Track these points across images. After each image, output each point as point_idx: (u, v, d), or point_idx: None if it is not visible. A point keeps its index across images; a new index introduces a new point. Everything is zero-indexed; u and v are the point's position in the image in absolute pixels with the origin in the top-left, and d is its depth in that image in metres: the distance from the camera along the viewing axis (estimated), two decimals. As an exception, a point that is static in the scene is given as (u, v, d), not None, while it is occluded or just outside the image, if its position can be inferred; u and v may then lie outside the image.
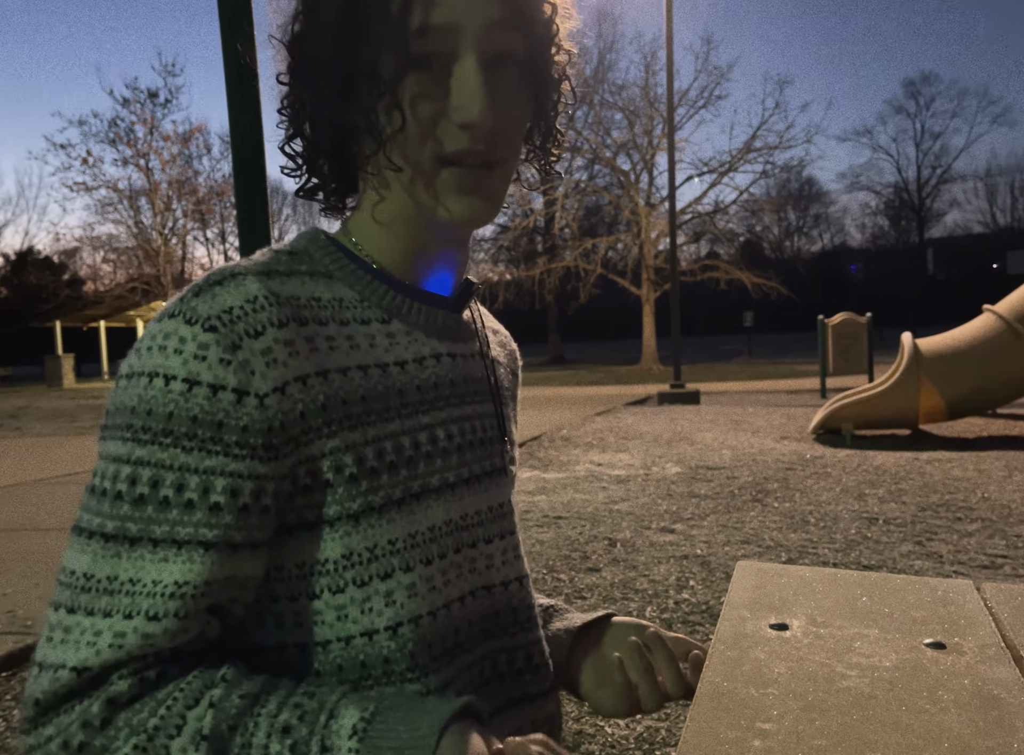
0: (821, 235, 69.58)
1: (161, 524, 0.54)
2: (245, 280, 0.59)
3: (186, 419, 0.54)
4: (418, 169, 0.63)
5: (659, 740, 2.43)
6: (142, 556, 0.54)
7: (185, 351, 0.55)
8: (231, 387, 0.55)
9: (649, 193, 30.93)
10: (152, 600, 0.54)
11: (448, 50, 0.61)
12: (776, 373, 21.54)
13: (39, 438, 11.48)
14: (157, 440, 0.55)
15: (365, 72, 0.61)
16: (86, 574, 0.55)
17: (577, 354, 41.50)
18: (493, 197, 0.66)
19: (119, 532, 0.54)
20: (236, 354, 0.55)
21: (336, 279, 0.65)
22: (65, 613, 0.55)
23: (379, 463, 0.61)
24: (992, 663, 0.75)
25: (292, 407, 0.57)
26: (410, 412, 0.64)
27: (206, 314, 0.56)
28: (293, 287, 0.61)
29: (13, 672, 3.14)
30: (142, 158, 26.20)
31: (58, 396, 21.97)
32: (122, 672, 0.54)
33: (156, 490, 0.54)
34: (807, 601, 0.99)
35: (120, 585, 0.54)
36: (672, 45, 14.75)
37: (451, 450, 0.67)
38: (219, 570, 0.55)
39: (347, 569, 0.60)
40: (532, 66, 0.66)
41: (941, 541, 4.46)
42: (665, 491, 6.03)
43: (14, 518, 5.78)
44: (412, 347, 0.66)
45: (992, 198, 68.08)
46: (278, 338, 0.58)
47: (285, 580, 0.60)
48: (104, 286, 30.39)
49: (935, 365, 8.03)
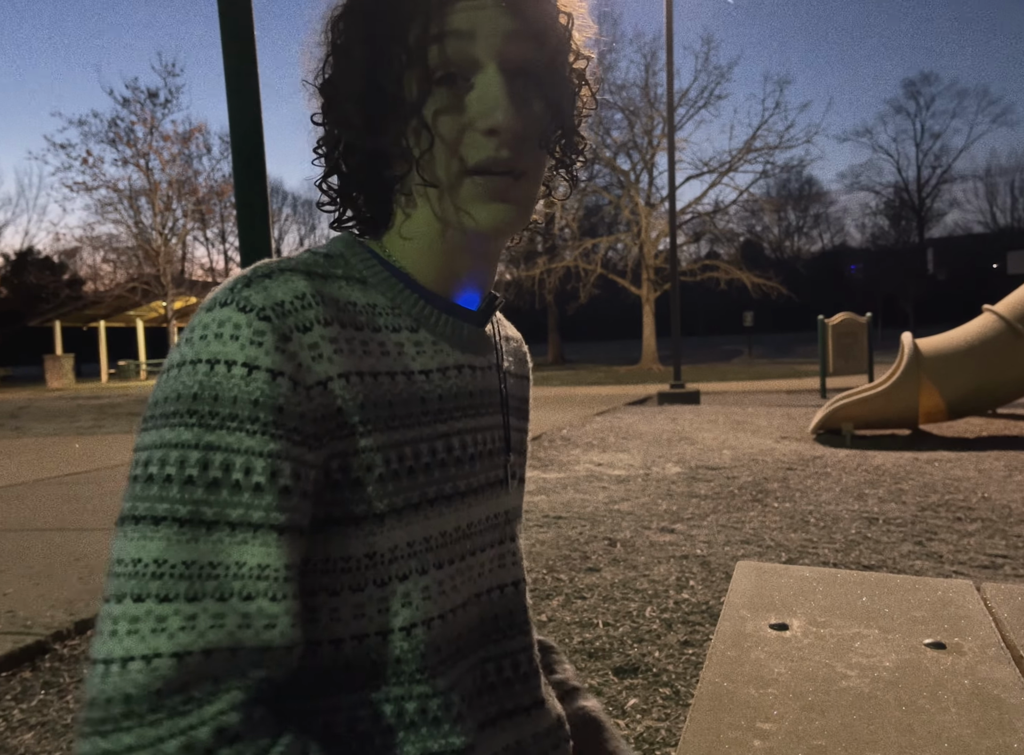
0: (821, 235, 69.65)
1: (236, 507, 0.54)
2: (293, 276, 0.61)
3: (248, 402, 0.55)
4: (447, 183, 0.65)
5: (659, 740, 2.43)
6: (220, 539, 0.54)
7: (242, 337, 0.56)
8: (288, 374, 0.57)
9: (649, 193, 30.95)
10: (242, 581, 0.53)
11: (468, 63, 0.64)
12: (776, 373, 21.54)
13: (39, 438, 11.48)
14: (225, 424, 0.55)
15: (392, 100, 0.64)
16: (157, 561, 0.53)
17: (577, 354, 41.49)
18: (520, 204, 0.67)
19: (194, 516, 0.53)
20: (288, 345, 0.57)
21: (370, 285, 0.67)
22: (131, 602, 0.52)
23: (401, 467, 0.63)
24: (992, 663, 0.75)
25: (332, 401, 0.59)
26: (430, 420, 0.66)
27: (260, 304, 0.58)
28: (332, 289, 0.63)
29: (13, 672, 3.13)
30: (142, 158, 26.20)
31: (58, 396, 21.96)
32: (235, 694, 0.52)
33: (228, 473, 0.54)
34: (807, 601, 0.99)
35: (200, 569, 0.53)
36: (672, 45, 14.75)
37: (464, 459, 0.69)
38: (294, 554, 0.56)
39: (369, 568, 0.61)
40: (550, 76, 0.68)
41: (941, 541, 4.46)
42: (665, 491, 6.03)
43: (14, 518, 5.78)
44: (437, 357, 0.68)
45: (992, 198, 68.17)
46: (324, 335, 0.60)
47: (309, 574, 0.60)
48: (104, 286, 30.40)
49: (935, 365, 8.03)
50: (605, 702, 2.70)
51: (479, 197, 0.65)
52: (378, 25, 0.64)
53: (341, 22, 0.66)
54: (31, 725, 2.70)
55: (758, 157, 29.66)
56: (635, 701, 2.69)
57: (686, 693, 2.74)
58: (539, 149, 0.68)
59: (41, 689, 2.98)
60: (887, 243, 61.53)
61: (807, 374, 19.01)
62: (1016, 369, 7.88)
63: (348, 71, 0.66)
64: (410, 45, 0.63)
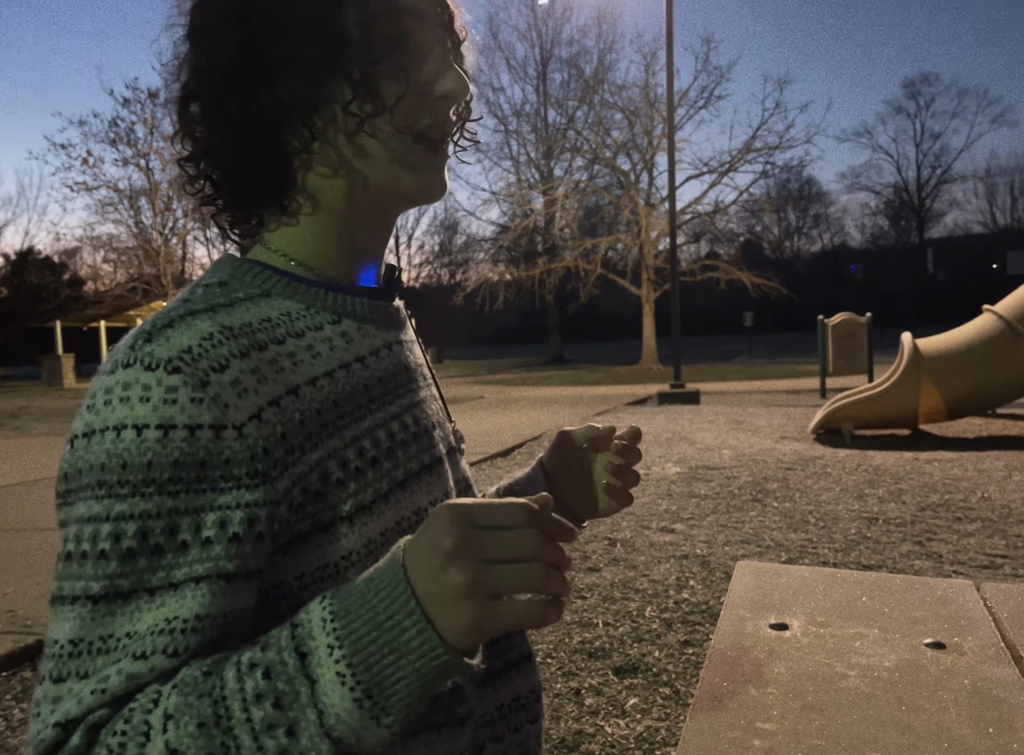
0: (821, 235, 69.62)
1: (156, 572, 0.52)
2: (195, 319, 0.58)
3: (167, 465, 0.53)
4: (392, 144, 0.66)
5: (659, 740, 2.43)
6: (138, 608, 0.52)
7: (153, 397, 0.53)
8: (207, 424, 0.54)
9: (649, 193, 30.94)
10: (140, 641, 0.51)
11: (418, 32, 0.66)
12: (776, 373, 21.54)
13: (39, 438, 11.48)
14: (138, 491, 0.53)
15: (357, 40, 0.63)
16: (72, 640, 0.52)
17: (577, 354, 41.48)
18: (445, 176, 0.71)
19: (108, 591, 0.52)
20: (207, 391, 0.54)
21: (274, 296, 0.64)
22: (51, 684, 0.52)
23: (362, 462, 0.62)
24: (992, 663, 0.75)
25: (271, 431, 0.56)
26: (378, 405, 0.66)
27: (166, 357, 0.54)
28: (240, 315, 0.60)
29: (13, 672, 3.14)
30: (142, 158, 26.16)
31: (58, 396, 21.97)
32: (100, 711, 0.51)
33: (146, 540, 0.52)
34: (807, 601, 0.99)
35: (117, 641, 0.51)
36: (672, 45, 14.75)
37: (420, 434, 0.69)
38: (215, 604, 0.53)
39: (347, 569, 0.60)
40: (459, 59, 0.72)
41: (941, 541, 4.46)
42: (665, 491, 6.03)
43: (14, 518, 5.78)
44: (367, 341, 0.68)
45: (992, 198, 68.17)
46: (243, 369, 0.57)
47: (287, 594, 0.59)
48: (104, 286, 30.37)
49: (935, 365, 8.03)
50: (605, 702, 2.70)
51: (427, 165, 0.67)
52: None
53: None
54: (31, 725, 2.70)
55: (758, 157, 29.66)
56: (635, 701, 2.69)
57: (686, 693, 2.74)
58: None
59: (41, 689, 2.98)
60: (887, 243, 61.51)
61: (807, 374, 19.01)
62: (1016, 369, 7.88)
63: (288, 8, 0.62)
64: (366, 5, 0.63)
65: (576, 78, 35.33)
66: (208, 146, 0.65)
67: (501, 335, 59.28)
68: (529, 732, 0.75)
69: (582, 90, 34.01)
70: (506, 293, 31.27)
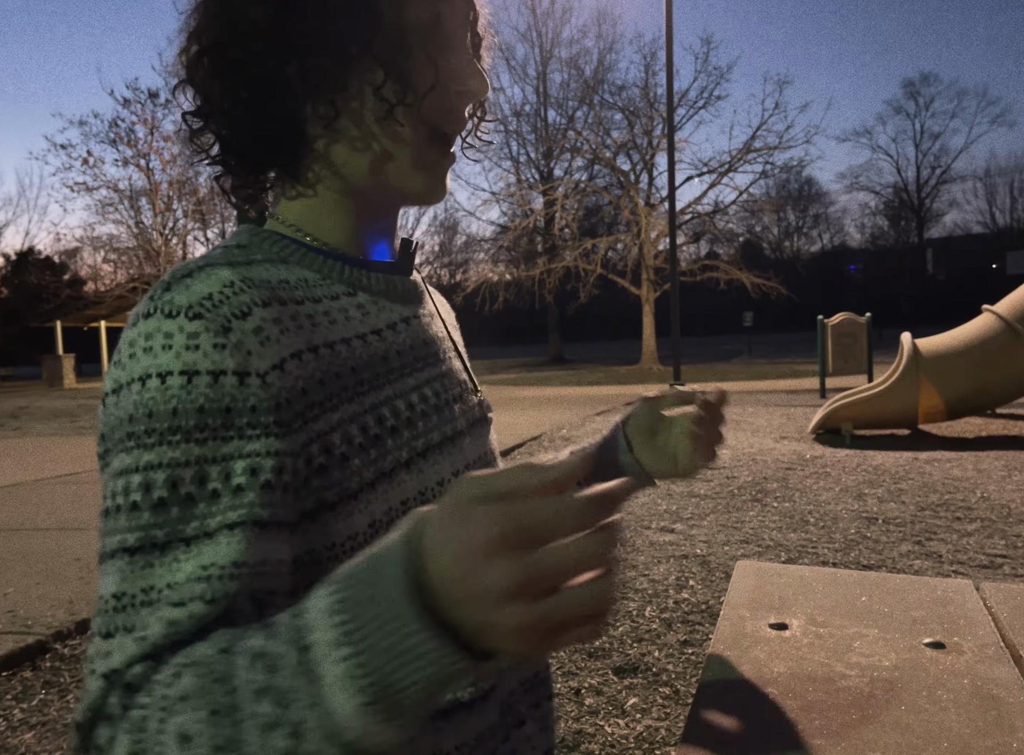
0: (821, 235, 69.64)
1: (190, 521, 0.51)
2: (215, 269, 0.57)
3: (192, 411, 0.52)
4: (415, 135, 0.66)
5: (659, 740, 2.43)
6: (176, 558, 0.51)
7: (175, 344, 0.53)
8: (231, 370, 0.53)
9: (649, 193, 30.95)
10: (179, 589, 0.50)
11: (449, 25, 0.66)
12: (776, 373, 21.53)
13: (39, 438, 11.48)
14: (165, 440, 0.52)
15: (391, 24, 0.62)
16: (115, 594, 0.51)
17: (577, 354, 41.48)
18: (447, 181, 0.71)
19: (144, 542, 0.51)
20: (229, 337, 0.54)
21: (292, 263, 0.64)
22: (101, 640, 0.51)
23: (382, 429, 0.62)
24: (992, 663, 0.76)
25: (293, 383, 0.56)
26: (396, 377, 0.65)
27: (187, 303, 0.54)
28: (259, 272, 0.60)
29: (13, 672, 3.13)
30: (143, 158, 26.15)
31: (58, 396, 21.96)
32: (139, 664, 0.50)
33: (177, 489, 0.52)
34: (807, 601, 0.99)
35: (159, 593, 0.51)
36: (672, 45, 14.75)
37: (441, 406, 0.69)
38: (250, 550, 0.52)
39: (372, 536, 0.59)
40: (476, 49, 0.72)
41: (941, 541, 4.46)
42: (665, 491, 6.03)
43: (14, 518, 5.78)
44: (382, 315, 0.67)
45: (991, 198, 68.13)
46: (266, 317, 0.57)
47: (317, 563, 0.58)
48: (105, 286, 30.38)
49: (935, 365, 8.03)
50: (605, 701, 2.70)
51: (435, 164, 0.68)
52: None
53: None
54: (31, 724, 2.70)
55: (758, 157, 29.66)
56: (635, 701, 2.69)
57: (686, 693, 2.74)
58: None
59: (41, 689, 2.98)
60: (887, 243, 61.52)
61: (806, 374, 19.00)
62: (1015, 369, 7.88)
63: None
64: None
65: (576, 78, 35.35)
66: (220, 104, 0.63)
67: (501, 335, 59.31)
68: (548, 708, 0.75)
69: (582, 90, 34.03)
70: (506, 293, 31.27)
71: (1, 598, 3.87)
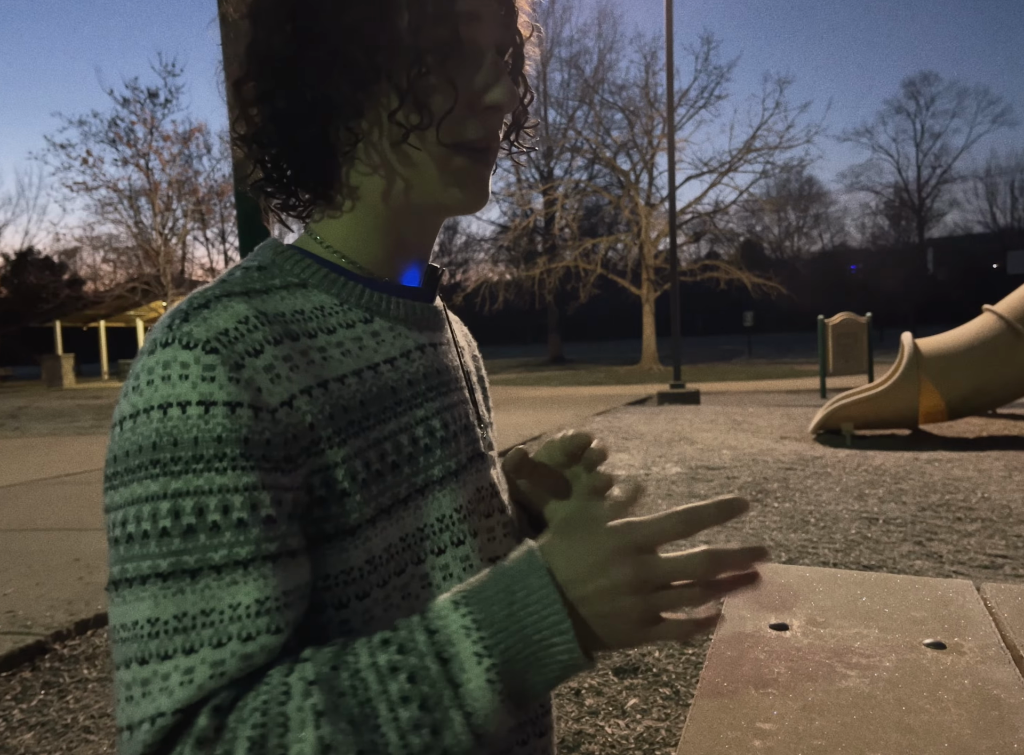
0: (821, 235, 69.55)
1: (218, 549, 0.53)
2: (231, 302, 0.59)
3: (212, 440, 0.53)
4: (435, 154, 0.65)
5: (659, 740, 2.43)
6: (208, 586, 0.52)
7: (191, 375, 0.54)
8: (247, 403, 0.55)
9: (649, 193, 30.94)
10: (240, 623, 0.52)
11: (473, 37, 0.64)
12: (776, 373, 21.53)
13: (39, 438, 11.47)
14: (190, 468, 0.53)
15: (407, 46, 0.62)
16: (150, 620, 0.52)
17: (577, 354, 41.46)
18: (488, 183, 0.70)
19: (175, 567, 0.52)
20: (241, 373, 0.55)
21: (311, 287, 0.65)
22: (137, 666, 0.52)
23: (382, 465, 0.62)
24: (992, 663, 0.75)
25: (301, 419, 0.57)
26: (404, 409, 0.65)
27: (204, 337, 0.55)
28: (275, 304, 0.61)
29: (13, 672, 3.13)
30: (142, 158, 26.18)
31: (58, 396, 21.96)
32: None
33: (203, 517, 0.53)
34: (807, 601, 0.99)
35: (193, 620, 0.52)
36: (672, 45, 14.75)
37: (448, 439, 0.68)
38: (290, 579, 0.55)
39: (371, 573, 0.60)
40: (517, 62, 0.71)
41: (941, 541, 4.46)
42: (665, 491, 6.03)
43: (14, 518, 5.78)
44: (397, 342, 0.67)
45: (992, 198, 68.08)
46: (277, 355, 0.58)
47: (312, 593, 0.59)
48: (104, 286, 30.38)
49: (935, 365, 8.03)
50: (605, 702, 2.70)
51: (467, 176, 0.67)
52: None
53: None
54: (31, 725, 2.70)
55: (758, 157, 29.65)
56: (635, 701, 2.69)
57: (686, 693, 2.73)
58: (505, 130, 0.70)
59: (41, 689, 2.98)
60: (887, 243, 61.47)
61: (807, 374, 19.00)
62: (1016, 369, 7.88)
63: (337, 13, 0.62)
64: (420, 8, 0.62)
65: (576, 78, 35.34)
66: (258, 131, 0.65)
67: (501, 335, 59.27)
68: (535, 746, 0.74)
69: (582, 90, 34.02)
70: (506, 293, 31.26)
71: (1, 598, 3.87)
